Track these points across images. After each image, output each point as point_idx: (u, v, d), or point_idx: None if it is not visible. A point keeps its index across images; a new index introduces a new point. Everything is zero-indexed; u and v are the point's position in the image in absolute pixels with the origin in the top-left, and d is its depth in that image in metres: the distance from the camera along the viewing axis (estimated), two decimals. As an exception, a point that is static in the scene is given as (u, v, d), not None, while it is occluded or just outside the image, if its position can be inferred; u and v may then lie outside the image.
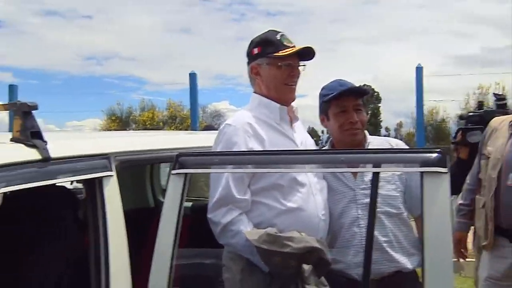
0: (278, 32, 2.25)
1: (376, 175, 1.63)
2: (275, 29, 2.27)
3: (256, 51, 2.25)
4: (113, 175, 2.00)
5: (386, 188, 2.31)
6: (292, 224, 2.00)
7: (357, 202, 2.30)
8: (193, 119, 8.05)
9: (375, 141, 2.46)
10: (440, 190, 1.52)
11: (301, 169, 2.05)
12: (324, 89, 2.45)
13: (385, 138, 2.70)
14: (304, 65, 2.29)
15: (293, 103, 2.32)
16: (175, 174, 1.80)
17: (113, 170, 2.01)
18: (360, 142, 2.42)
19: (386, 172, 2.28)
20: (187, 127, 10.31)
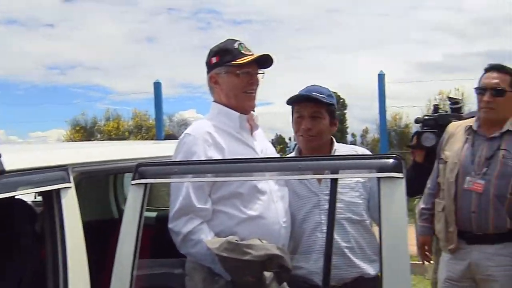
0: (236, 41, 2.26)
1: (335, 181, 1.65)
2: (234, 38, 2.29)
3: (215, 60, 2.26)
4: (71, 187, 1.98)
5: (350, 195, 2.33)
6: (253, 232, 2.01)
7: (321, 208, 2.30)
8: (158, 128, 7.97)
9: (342, 149, 2.48)
10: (396, 195, 1.56)
11: (261, 177, 2.06)
12: None
13: (352, 146, 2.73)
14: (263, 73, 2.30)
15: (255, 111, 2.33)
16: (135, 184, 1.79)
17: (71, 182, 1.98)
18: (322, 149, 2.42)
19: (351, 179, 2.31)
20: (153, 137, 10.21)
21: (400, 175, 1.56)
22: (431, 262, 3.31)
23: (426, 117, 3.80)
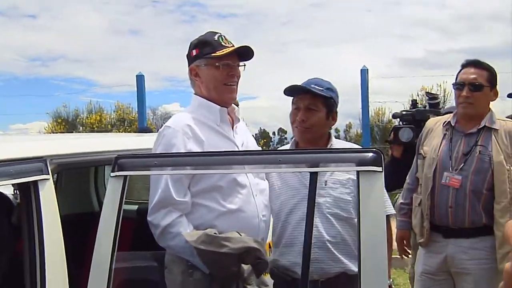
0: (216, 33, 2.25)
1: (314, 175, 1.65)
2: (214, 31, 2.28)
3: (195, 53, 2.25)
4: (49, 179, 1.95)
5: (339, 191, 2.33)
6: (232, 226, 2.01)
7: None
8: (141, 122, 7.93)
9: (338, 145, 2.48)
10: (375, 188, 1.57)
11: (240, 170, 2.06)
12: None
13: (350, 144, 2.74)
14: (244, 65, 2.30)
15: (240, 105, 2.32)
16: (114, 177, 1.77)
17: (49, 174, 1.96)
18: (318, 143, 2.42)
19: (343, 175, 2.31)
20: (136, 130, 10.13)
21: (379, 169, 1.57)
22: (409, 257, 3.34)
23: (404, 112, 3.84)
